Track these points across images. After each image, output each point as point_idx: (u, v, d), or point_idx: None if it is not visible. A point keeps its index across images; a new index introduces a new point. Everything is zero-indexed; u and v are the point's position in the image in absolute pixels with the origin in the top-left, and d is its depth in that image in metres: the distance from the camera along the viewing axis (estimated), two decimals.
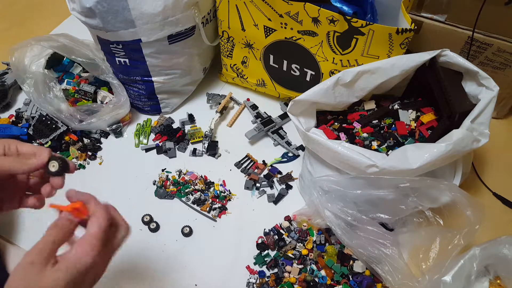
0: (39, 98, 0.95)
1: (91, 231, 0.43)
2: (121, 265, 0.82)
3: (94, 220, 0.44)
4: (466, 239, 0.71)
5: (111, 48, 0.93)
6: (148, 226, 0.87)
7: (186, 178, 0.95)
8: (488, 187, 0.95)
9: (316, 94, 0.80)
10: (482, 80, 0.76)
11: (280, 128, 1.05)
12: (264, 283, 0.79)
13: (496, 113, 1.07)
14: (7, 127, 0.99)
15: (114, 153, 1.01)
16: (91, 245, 0.42)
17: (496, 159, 1.00)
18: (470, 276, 0.69)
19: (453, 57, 0.79)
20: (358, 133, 0.83)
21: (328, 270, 0.79)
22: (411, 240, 0.77)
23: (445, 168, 0.77)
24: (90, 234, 0.43)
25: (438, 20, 0.95)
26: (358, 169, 0.72)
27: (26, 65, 0.96)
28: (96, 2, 0.81)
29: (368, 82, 0.81)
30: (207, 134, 1.01)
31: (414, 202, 0.73)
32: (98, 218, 0.44)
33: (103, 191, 0.93)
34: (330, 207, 0.76)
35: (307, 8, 0.81)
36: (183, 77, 1.03)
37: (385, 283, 0.75)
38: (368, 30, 0.78)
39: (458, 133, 0.69)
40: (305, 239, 0.84)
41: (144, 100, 1.05)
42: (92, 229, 0.43)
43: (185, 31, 0.92)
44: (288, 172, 0.97)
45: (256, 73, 1.05)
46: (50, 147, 0.97)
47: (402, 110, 0.84)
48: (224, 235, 0.87)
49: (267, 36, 0.93)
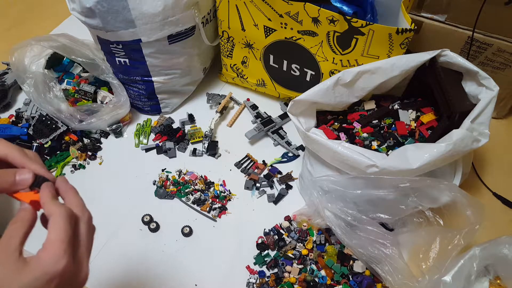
0: (39, 98, 0.95)
1: (53, 237, 0.38)
2: (121, 265, 0.82)
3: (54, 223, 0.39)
4: (466, 239, 0.71)
5: (111, 48, 0.93)
6: (148, 226, 0.87)
7: (186, 178, 0.95)
8: (488, 187, 0.95)
9: (316, 94, 0.80)
10: (482, 80, 0.76)
11: (280, 128, 1.05)
12: (264, 283, 0.79)
13: (496, 113, 1.07)
14: (7, 127, 0.99)
15: (114, 153, 1.01)
16: (60, 250, 0.38)
17: (496, 159, 1.00)
18: (470, 276, 0.69)
19: (453, 57, 0.79)
20: (358, 133, 0.83)
21: (328, 270, 0.79)
22: (411, 240, 0.78)
23: (445, 168, 0.77)
24: (52, 240, 0.38)
25: (438, 20, 0.95)
26: (358, 169, 0.72)
27: (26, 65, 0.96)
28: (96, 2, 0.81)
29: (368, 82, 0.81)
30: (207, 134, 1.01)
31: (414, 202, 0.73)
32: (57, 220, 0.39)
33: (103, 191, 0.93)
34: (330, 207, 0.76)
35: (307, 8, 0.81)
36: (183, 77, 1.03)
37: (385, 283, 0.75)
38: (368, 30, 0.78)
39: (458, 133, 0.69)
40: (305, 239, 0.84)
41: (144, 100, 1.05)
42: (53, 235, 0.38)
43: (185, 31, 0.92)
44: (288, 172, 0.97)
45: (256, 73, 1.05)
46: (50, 147, 0.97)
47: (402, 110, 0.84)
48: (224, 235, 0.87)
49: (267, 36, 0.93)
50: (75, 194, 0.44)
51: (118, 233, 0.87)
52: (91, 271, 0.43)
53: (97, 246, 0.84)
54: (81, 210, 0.43)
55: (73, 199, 0.44)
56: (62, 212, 0.40)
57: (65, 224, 0.39)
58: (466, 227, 0.71)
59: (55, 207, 0.40)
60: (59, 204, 0.41)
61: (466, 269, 0.69)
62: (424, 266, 0.74)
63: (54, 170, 0.96)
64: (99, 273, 0.80)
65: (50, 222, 0.39)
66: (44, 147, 0.97)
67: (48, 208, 0.41)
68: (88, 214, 0.43)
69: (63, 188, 0.44)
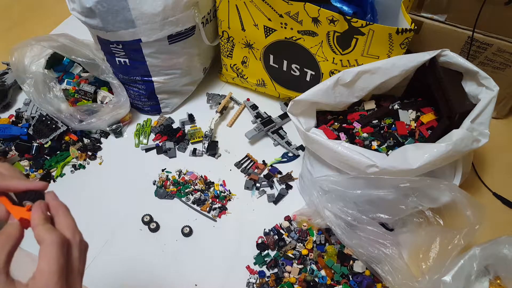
0: (39, 98, 0.95)
1: (44, 268, 0.36)
2: (121, 265, 0.82)
3: (45, 252, 0.37)
4: (466, 239, 0.71)
5: (111, 48, 0.93)
6: (148, 226, 0.87)
7: (186, 178, 0.95)
8: (488, 187, 0.95)
9: (316, 94, 0.80)
10: (482, 80, 0.76)
11: (280, 128, 1.05)
12: (264, 283, 0.79)
13: (496, 113, 1.07)
14: (7, 127, 0.99)
15: (114, 153, 1.01)
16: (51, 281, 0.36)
17: (496, 159, 1.00)
18: (470, 276, 0.69)
19: (453, 57, 0.79)
20: (358, 133, 0.83)
21: (328, 270, 0.79)
22: (411, 240, 0.78)
23: (445, 168, 0.77)
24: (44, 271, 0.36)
25: (438, 20, 0.95)
26: (358, 169, 0.72)
27: (26, 65, 0.96)
28: (96, 2, 0.81)
29: (368, 82, 0.81)
30: (207, 134, 1.01)
31: (414, 202, 0.73)
32: (48, 249, 0.37)
33: (103, 191, 0.93)
34: (330, 207, 0.76)
35: (307, 8, 0.81)
36: (183, 77, 1.03)
37: (385, 283, 0.75)
38: (368, 30, 0.78)
39: (458, 133, 0.69)
40: (305, 239, 0.84)
41: (144, 100, 1.05)
42: (45, 265, 0.36)
43: (185, 31, 0.92)
44: (288, 172, 0.97)
45: (256, 73, 1.05)
46: (50, 147, 0.97)
47: (402, 110, 0.84)
48: (224, 235, 0.87)
49: (267, 36, 0.93)
50: (66, 213, 0.42)
51: (118, 233, 0.87)
52: (91, 271, 0.42)
53: (97, 246, 0.84)
54: (72, 233, 0.40)
55: (64, 220, 0.41)
56: (54, 240, 0.37)
57: (57, 253, 0.37)
58: (466, 227, 0.71)
59: (47, 234, 0.38)
60: (50, 230, 0.38)
61: (466, 269, 0.69)
62: (424, 266, 0.74)
63: (54, 170, 0.96)
64: (99, 273, 0.80)
65: (41, 250, 0.37)
66: (44, 147, 0.97)
67: (39, 233, 0.38)
68: (79, 236, 0.41)
69: (54, 206, 0.42)
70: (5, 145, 0.98)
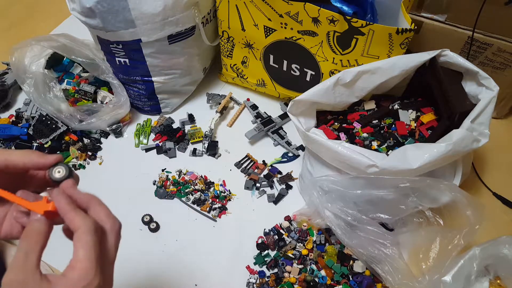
0: (39, 98, 0.95)
1: (81, 255, 0.36)
2: (121, 265, 0.82)
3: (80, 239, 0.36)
4: (466, 239, 0.71)
5: (111, 48, 0.93)
6: (148, 226, 0.87)
7: (186, 178, 0.95)
8: (488, 187, 0.95)
9: (316, 94, 0.80)
10: (482, 80, 0.76)
11: (280, 128, 1.05)
12: (264, 283, 0.79)
13: (496, 113, 1.07)
14: (7, 127, 0.99)
15: (114, 153, 1.01)
16: (90, 268, 0.35)
17: (496, 159, 1.00)
18: (470, 276, 0.69)
19: (453, 57, 0.79)
20: (358, 133, 0.83)
21: (328, 270, 0.79)
22: (411, 240, 0.78)
23: (445, 168, 0.77)
24: (81, 258, 0.35)
25: (438, 20, 0.95)
26: (358, 169, 0.72)
27: (26, 65, 0.96)
28: (96, 2, 0.81)
29: (368, 82, 0.81)
30: (207, 134, 1.01)
31: (414, 202, 0.73)
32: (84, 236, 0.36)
33: (103, 191, 0.93)
34: (330, 207, 0.76)
35: (307, 8, 0.81)
36: (183, 77, 1.03)
37: (385, 283, 0.75)
38: (368, 30, 0.78)
39: (458, 133, 0.69)
40: (305, 239, 0.84)
41: (144, 100, 1.05)
42: (82, 253, 0.36)
43: (185, 31, 0.92)
44: (288, 172, 0.97)
45: (256, 73, 1.05)
46: (50, 147, 0.97)
47: (402, 110, 0.84)
48: (224, 235, 0.87)
49: (267, 36, 0.93)
50: (99, 202, 0.41)
51: None
52: None
53: None
54: (112, 220, 0.39)
55: (101, 209, 0.40)
56: (89, 227, 0.37)
57: (92, 240, 0.36)
58: (466, 227, 0.71)
59: (81, 221, 0.37)
60: (83, 216, 0.37)
61: (466, 269, 0.69)
62: (424, 266, 0.74)
63: None
64: None
65: (76, 238, 0.36)
66: (44, 147, 0.97)
67: (72, 220, 0.37)
68: (118, 223, 0.40)
69: (84, 198, 0.40)
70: (5, 145, 0.98)
